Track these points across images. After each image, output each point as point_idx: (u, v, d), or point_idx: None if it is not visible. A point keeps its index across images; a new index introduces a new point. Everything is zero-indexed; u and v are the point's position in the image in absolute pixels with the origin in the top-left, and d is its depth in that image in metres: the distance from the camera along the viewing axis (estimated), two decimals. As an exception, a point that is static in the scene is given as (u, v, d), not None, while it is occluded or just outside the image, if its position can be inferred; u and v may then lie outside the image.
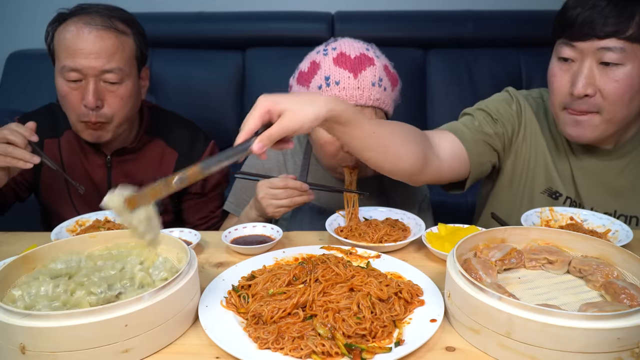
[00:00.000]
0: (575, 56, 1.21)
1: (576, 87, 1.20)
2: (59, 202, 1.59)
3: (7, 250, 1.15)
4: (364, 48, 1.38)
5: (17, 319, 0.75)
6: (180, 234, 1.23)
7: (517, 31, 3.03)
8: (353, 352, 0.78)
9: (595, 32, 1.16)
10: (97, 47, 1.40)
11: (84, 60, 1.39)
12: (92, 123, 1.44)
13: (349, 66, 1.33)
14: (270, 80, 2.92)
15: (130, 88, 1.48)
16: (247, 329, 0.84)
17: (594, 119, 1.23)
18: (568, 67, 1.23)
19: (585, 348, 0.73)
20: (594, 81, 1.19)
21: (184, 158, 1.64)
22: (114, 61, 1.42)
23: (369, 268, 1.02)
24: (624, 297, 0.85)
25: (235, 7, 3.08)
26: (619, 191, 1.35)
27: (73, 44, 1.39)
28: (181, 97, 2.85)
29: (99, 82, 1.42)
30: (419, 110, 2.94)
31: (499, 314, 0.78)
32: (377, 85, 1.33)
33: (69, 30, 1.41)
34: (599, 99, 1.20)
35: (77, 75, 1.41)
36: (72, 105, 1.44)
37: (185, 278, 0.86)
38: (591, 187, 1.36)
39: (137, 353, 0.80)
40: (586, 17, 1.17)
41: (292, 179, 1.32)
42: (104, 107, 1.44)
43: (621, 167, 1.34)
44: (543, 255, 0.99)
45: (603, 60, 1.17)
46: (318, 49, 1.42)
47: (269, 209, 1.32)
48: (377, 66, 1.35)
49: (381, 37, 2.94)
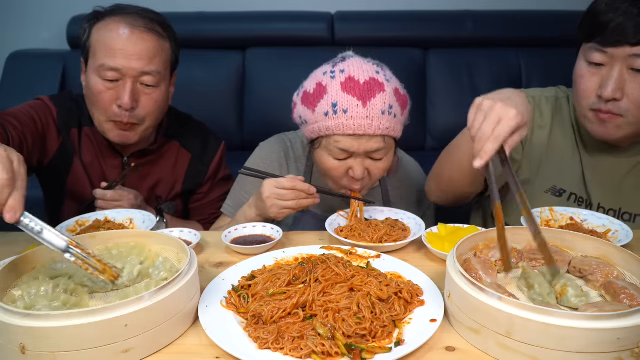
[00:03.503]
0: (606, 61, 1.22)
1: (606, 90, 1.21)
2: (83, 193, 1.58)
3: (7, 250, 1.15)
4: (373, 71, 1.30)
5: (17, 319, 0.75)
6: (180, 234, 1.23)
7: (517, 31, 3.03)
8: (353, 352, 0.78)
9: (628, 39, 1.17)
10: (139, 49, 1.39)
11: (125, 61, 1.38)
12: (124, 123, 1.44)
13: (358, 93, 1.26)
14: (270, 80, 2.93)
15: (164, 92, 1.49)
16: (247, 329, 0.84)
17: (617, 120, 1.24)
18: (597, 71, 1.24)
19: (585, 348, 0.73)
20: (623, 86, 1.21)
21: (197, 159, 1.67)
22: (153, 64, 1.42)
23: (369, 268, 1.02)
24: (624, 297, 0.85)
25: (235, 7, 3.08)
26: (626, 189, 1.36)
27: (115, 43, 1.39)
28: (181, 97, 2.82)
29: (136, 83, 1.42)
30: (419, 110, 2.93)
31: (499, 314, 0.78)
32: (387, 113, 1.27)
33: (111, 29, 1.40)
34: (625, 103, 1.22)
35: (116, 75, 1.40)
36: (104, 105, 1.43)
37: (185, 278, 0.86)
38: (599, 184, 1.37)
39: (137, 353, 0.80)
40: (618, 23, 1.17)
41: (300, 180, 1.29)
42: (138, 109, 1.44)
43: (631, 165, 1.36)
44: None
45: (634, 67, 1.19)
46: (325, 69, 1.34)
47: (273, 209, 1.29)
48: (387, 92, 1.27)
49: (381, 37, 2.96)
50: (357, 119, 1.25)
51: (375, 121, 1.26)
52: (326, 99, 1.28)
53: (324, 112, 1.28)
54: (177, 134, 1.66)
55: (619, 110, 1.23)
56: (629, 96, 1.21)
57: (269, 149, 1.55)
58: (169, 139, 1.64)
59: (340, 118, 1.26)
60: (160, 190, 1.64)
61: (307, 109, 1.32)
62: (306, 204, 1.29)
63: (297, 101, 1.38)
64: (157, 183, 1.63)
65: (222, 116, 2.96)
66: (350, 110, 1.25)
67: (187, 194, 1.70)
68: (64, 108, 1.55)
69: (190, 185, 1.67)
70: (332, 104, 1.27)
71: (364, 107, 1.25)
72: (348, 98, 1.26)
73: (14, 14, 3.14)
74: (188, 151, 1.66)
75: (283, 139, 1.58)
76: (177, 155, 1.65)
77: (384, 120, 1.27)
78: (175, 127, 1.66)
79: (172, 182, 1.65)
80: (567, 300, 0.87)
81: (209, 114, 2.82)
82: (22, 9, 3.14)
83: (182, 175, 1.66)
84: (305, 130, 1.37)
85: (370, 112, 1.25)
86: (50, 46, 3.08)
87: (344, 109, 1.26)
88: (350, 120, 1.26)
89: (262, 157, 1.54)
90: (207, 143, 1.69)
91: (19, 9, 3.14)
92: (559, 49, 2.84)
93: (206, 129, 1.72)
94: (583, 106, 1.29)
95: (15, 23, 3.15)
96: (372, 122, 1.26)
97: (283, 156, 1.54)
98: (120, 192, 1.43)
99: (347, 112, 1.26)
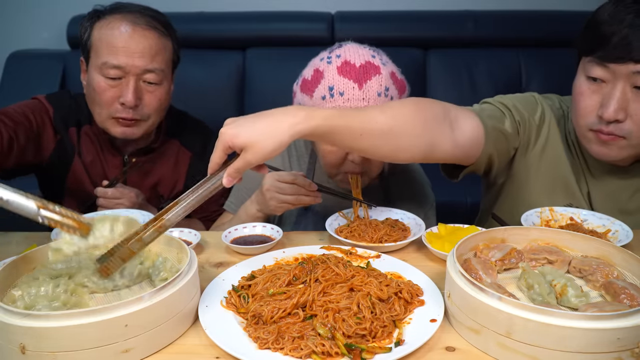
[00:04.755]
0: (607, 77, 1.13)
1: (607, 111, 1.11)
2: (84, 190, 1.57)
3: (7, 250, 1.15)
4: (369, 55, 1.32)
5: (17, 319, 0.75)
6: (180, 234, 1.23)
7: (517, 31, 3.04)
8: (353, 352, 0.78)
9: (632, 55, 1.07)
10: (142, 46, 1.40)
11: (128, 59, 1.39)
12: (127, 119, 1.44)
13: (354, 76, 1.27)
14: (270, 80, 2.93)
15: (167, 89, 1.49)
16: (247, 329, 0.84)
17: (620, 142, 1.16)
18: (597, 88, 1.15)
19: (585, 348, 0.73)
20: (626, 106, 1.11)
21: (197, 157, 1.67)
22: (156, 62, 1.42)
23: (369, 268, 1.02)
24: (624, 297, 0.85)
25: (235, 7, 3.08)
26: (632, 210, 1.30)
27: (117, 41, 1.38)
28: (181, 97, 2.83)
29: (139, 81, 1.42)
30: (419, 110, 2.94)
31: (499, 314, 0.78)
32: (384, 95, 1.28)
33: (113, 27, 1.40)
34: (629, 125, 1.12)
35: (118, 73, 1.40)
36: (107, 102, 1.43)
37: (185, 278, 0.86)
38: (605, 205, 1.30)
39: (137, 353, 0.80)
40: (623, 37, 1.07)
41: (301, 176, 1.29)
42: (141, 106, 1.44)
43: (637, 185, 1.29)
44: (543, 255, 0.99)
45: (638, 84, 1.09)
46: (322, 55, 1.37)
47: (272, 202, 1.29)
48: (383, 75, 1.29)
49: (381, 37, 2.96)
50: (353, 100, 1.27)
51: (372, 103, 1.27)
52: (323, 84, 1.30)
53: (321, 97, 1.30)
54: (177, 132, 1.66)
55: (621, 132, 1.13)
56: (632, 117, 1.11)
57: None
58: (169, 138, 1.64)
59: (337, 101, 1.28)
60: (162, 189, 1.64)
61: (305, 95, 1.34)
62: (306, 202, 1.29)
63: (297, 90, 1.40)
64: (158, 182, 1.63)
65: (222, 116, 2.89)
66: (347, 92, 1.27)
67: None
68: (62, 107, 1.54)
69: (192, 183, 1.66)
70: (329, 87, 1.29)
71: (360, 89, 1.27)
72: (344, 81, 1.28)
73: (13, 14, 3.15)
74: (188, 150, 1.67)
75: None
76: (178, 154, 1.65)
77: (380, 102, 1.27)
78: (175, 125, 1.66)
79: (173, 181, 1.65)
80: (567, 300, 0.87)
81: (209, 114, 2.81)
82: (22, 9, 3.14)
83: (183, 174, 1.66)
84: None
85: (366, 94, 1.27)
86: (50, 46, 3.08)
87: (340, 91, 1.28)
88: (346, 103, 1.27)
89: None
90: (208, 141, 1.69)
91: (18, 9, 3.14)
92: (559, 49, 2.84)
93: (205, 127, 1.73)
94: (582, 126, 1.20)
95: (15, 23, 3.15)
96: (369, 104, 1.27)
97: (285, 153, 1.54)
98: (121, 190, 1.43)
99: (344, 95, 1.27)
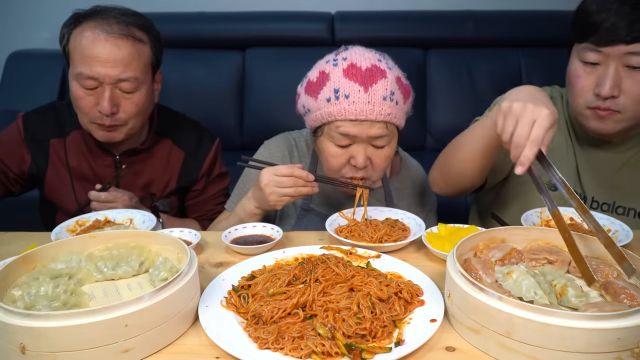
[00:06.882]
0: (601, 59, 1.24)
1: (603, 89, 1.23)
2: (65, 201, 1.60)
3: (7, 250, 1.15)
4: (375, 59, 1.33)
5: (17, 319, 0.75)
6: (180, 234, 1.23)
7: (517, 31, 3.04)
8: (353, 352, 0.78)
9: (622, 38, 1.19)
10: (114, 56, 1.39)
11: (101, 69, 1.39)
12: (106, 126, 1.45)
13: (360, 79, 1.28)
14: (270, 80, 2.93)
15: (144, 94, 1.48)
16: (247, 329, 0.84)
17: (615, 116, 1.26)
18: (592, 70, 1.26)
19: (585, 348, 0.73)
20: (619, 83, 1.23)
21: (190, 157, 1.66)
22: (130, 70, 1.42)
23: (369, 268, 1.02)
24: (624, 297, 0.85)
25: (235, 7, 3.08)
26: (619, 183, 1.38)
27: (89, 51, 1.39)
28: (181, 97, 2.85)
29: (115, 89, 1.42)
30: (419, 111, 2.93)
31: (499, 314, 0.78)
32: (389, 99, 1.29)
33: (86, 36, 1.40)
34: (623, 100, 1.24)
35: (93, 83, 1.41)
36: (86, 109, 1.44)
37: (185, 278, 0.86)
38: (593, 179, 1.39)
39: (137, 353, 0.80)
40: (612, 23, 1.19)
41: (298, 167, 1.30)
42: (119, 113, 1.44)
43: (624, 160, 1.37)
44: (543, 255, 0.99)
45: (629, 64, 1.21)
46: (328, 58, 1.37)
47: (272, 197, 1.29)
48: (389, 79, 1.30)
49: (381, 37, 2.96)
50: (358, 104, 1.27)
51: (377, 106, 1.28)
52: (329, 86, 1.31)
53: (326, 99, 1.30)
54: (170, 132, 1.66)
55: (616, 106, 1.25)
56: (625, 93, 1.23)
57: (274, 146, 1.56)
58: (160, 138, 1.64)
59: (342, 103, 1.28)
60: (154, 188, 1.64)
61: (310, 97, 1.35)
62: (305, 192, 1.30)
63: (301, 91, 1.40)
64: (150, 181, 1.63)
65: (222, 116, 2.96)
66: (352, 95, 1.28)
67: (182, 192, 1.70)
68: (37, 123, 1.58)
69: (185, 182, 1.67)
70: (335, 89, 1.29)
71: (366, 92, 1.27)
72: (350, 84, 1.28)
73: (13, 14, 3.15)
74: (181, 149, 1.66)
75: (287, 137, 1.59)
76: (170, 153, 1.65)
77: (386, 106, 1.28)
78: (167, 125, 1.66)
79: (165, 180, 1.65)
80: (567, 300, 0.87)
81: (209, 114, 2.84)
82: (21, 9, 3.14)
83: (176, 173, 1.65)
84: (308, 119, 1.39)
85: (371, 97, 1.27)
86: (50, 46, 3.07)
87: (345, 94, 1.28)
88: (352, 106, 1.28)
89: (266, 154, 1.54)
90: (201, 140, 1.69)
91: (18, 9, 3.14)
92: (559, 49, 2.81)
93: (200, 127, 1.72)
94: (580, 104, 1.30)
95: (15, 23, 3.15)
96: (374, 108, 1.27)
97: (287, 154, 1.55)
98: (114, 193, 1.44)
99: (349, 97, 1.28)
